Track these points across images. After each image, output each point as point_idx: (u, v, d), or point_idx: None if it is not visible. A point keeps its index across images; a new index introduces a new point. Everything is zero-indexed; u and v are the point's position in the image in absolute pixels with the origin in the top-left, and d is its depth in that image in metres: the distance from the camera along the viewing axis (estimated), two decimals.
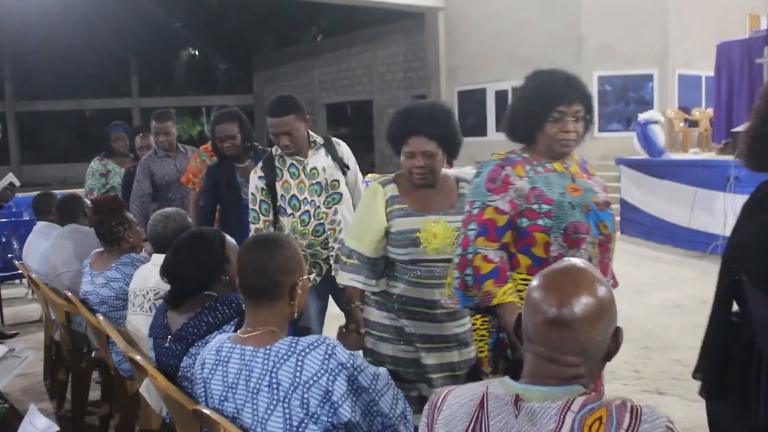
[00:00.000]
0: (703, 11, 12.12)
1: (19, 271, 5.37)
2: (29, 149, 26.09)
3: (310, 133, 3.29)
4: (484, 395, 1.33)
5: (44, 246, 4.12)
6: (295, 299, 1.83)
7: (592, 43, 12.25)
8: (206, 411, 1.78)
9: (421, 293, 2.52)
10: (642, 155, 9.64)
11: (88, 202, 4.09)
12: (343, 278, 2.59)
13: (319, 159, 3.26)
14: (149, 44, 25.44)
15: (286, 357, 1.70)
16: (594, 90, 12.27)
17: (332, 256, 3.21)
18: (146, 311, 2.74)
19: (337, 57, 20.23)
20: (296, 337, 1.75)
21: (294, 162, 3.22)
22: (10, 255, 5.64)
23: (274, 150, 3.27)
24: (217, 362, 1.80)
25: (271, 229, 3.22)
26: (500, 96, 13.97)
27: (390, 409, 1.76)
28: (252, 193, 3.27)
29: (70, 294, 3.35)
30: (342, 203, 3.27)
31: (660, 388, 4.00)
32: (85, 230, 3.90)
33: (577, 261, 1.41)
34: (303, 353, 1.69)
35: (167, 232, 2.82)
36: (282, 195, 3.22)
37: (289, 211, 3.22)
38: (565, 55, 12.43)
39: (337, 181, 3.27)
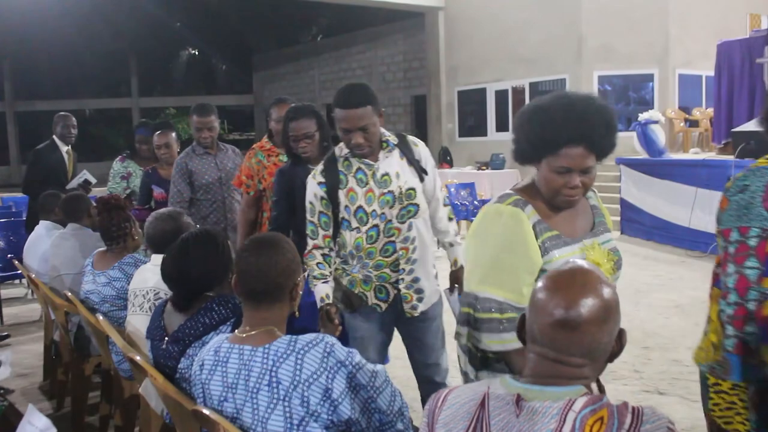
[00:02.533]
0: (703, 11, 12.13)
1: (19, 271, 5.37)
2: (29, 149, 25.93)
3: (383, 131, 2.73)
4: (485, 395, 1.33)
5: (45, 246, 4.12)
6: (296, 299, 1.84)
7: (592, 43, 12.24)
8: (206, 411, 1.78)
9: None
10: (642, 155, 9.63)
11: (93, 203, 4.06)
12: (502, 343, 1.88)
13: (392, 163, 2.71)
14: (149, 44, 25.44)
15: (285, 355, 1.70)
16: (594, 90, 12.28)
17: (402, 279, 2.71)
18: (146, 311, 2.73)
19: (337, 57, 20.24)
20: (295, 336, 1.75)
21: (362, 166, 2.68)
22: (9, 255, 5.62)
23: (337, 151, 2.74)
24: (216, 363, 1.80)
25: (331, 246, 2.75)
26: (500, 96, 13.98)
27: (388, 406, 1.77)
28: (310, 203, 2.73)
29: (70, 294, 3.35)
30: (418, 216, 2.72)
31: (660, 388, 3.99)
32: (87, 231, 3.89)
33: (583, 262, 1.41)
34: (302, 351, 1.69)
35: (165, 234, 2.82)
36: (346, 206, 2.67)
37: (354, 224, 2.67)
38: (565, 55, 12.44)
39: (414, 189, 2.71)
